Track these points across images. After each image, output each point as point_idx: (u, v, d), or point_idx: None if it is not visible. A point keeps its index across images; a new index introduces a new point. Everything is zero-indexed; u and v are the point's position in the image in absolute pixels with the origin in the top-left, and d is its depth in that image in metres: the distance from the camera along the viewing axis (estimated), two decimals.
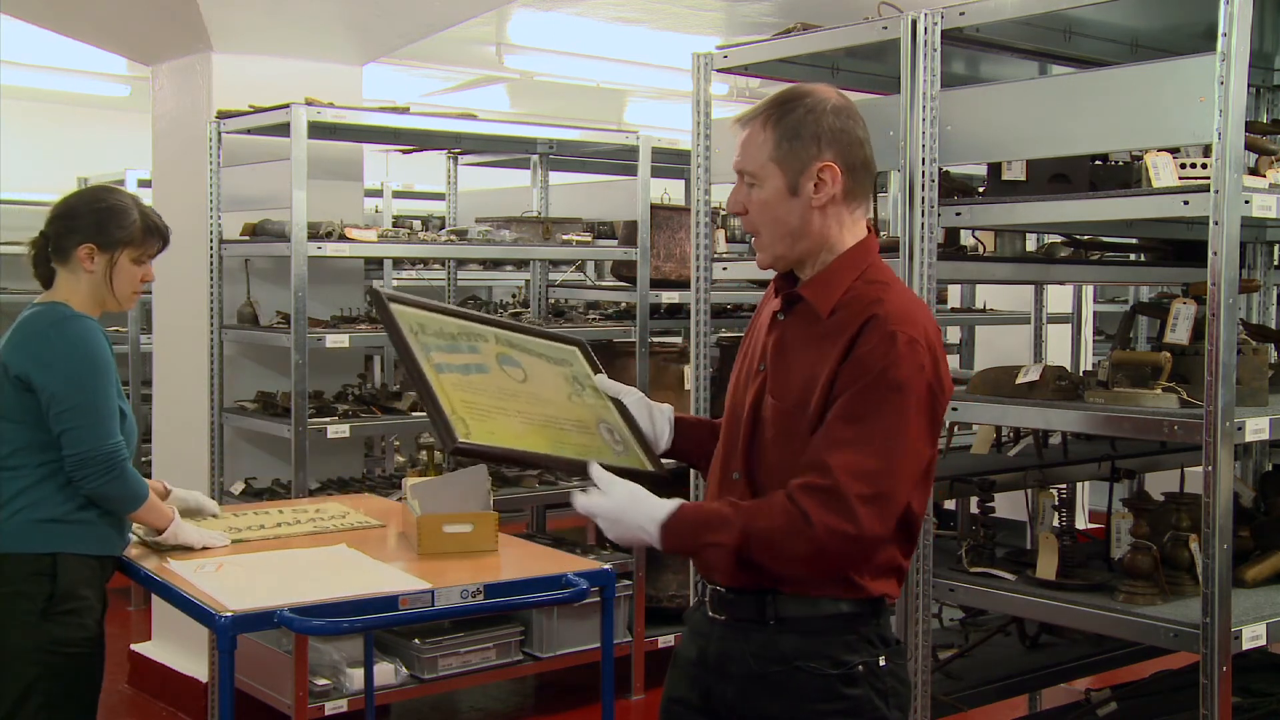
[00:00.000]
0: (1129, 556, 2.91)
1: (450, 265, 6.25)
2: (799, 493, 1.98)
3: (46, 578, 2.78)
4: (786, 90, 2.16)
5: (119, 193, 3.03)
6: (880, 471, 1.98)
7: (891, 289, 2.10)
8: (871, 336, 2.01)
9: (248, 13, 4.81)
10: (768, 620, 2.10)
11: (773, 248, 2.15)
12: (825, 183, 2.09)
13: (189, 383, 5.02)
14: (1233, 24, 2.51)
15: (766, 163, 2.10)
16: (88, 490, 2.81)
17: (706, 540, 2.03)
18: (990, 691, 3.38)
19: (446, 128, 5.37)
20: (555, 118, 8.16)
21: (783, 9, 6.15)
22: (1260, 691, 3.43)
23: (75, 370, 2.80)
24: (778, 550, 2.01)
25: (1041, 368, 3.11)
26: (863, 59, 3.54)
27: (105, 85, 8.33)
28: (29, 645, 2.76)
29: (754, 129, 2.13)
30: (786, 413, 2.09)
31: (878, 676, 2.10)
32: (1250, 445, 3.91)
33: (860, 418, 1.98)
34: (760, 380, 2.16)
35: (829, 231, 2.12)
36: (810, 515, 1.96)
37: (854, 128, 2.12)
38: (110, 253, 2.92)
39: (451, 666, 4.69)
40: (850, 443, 1.98)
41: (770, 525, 1.99)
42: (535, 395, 2.32)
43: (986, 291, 6.78)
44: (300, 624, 2.53)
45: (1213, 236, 2.55)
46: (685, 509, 2.06)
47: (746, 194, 2.15)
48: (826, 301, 2.11)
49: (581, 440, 2.28)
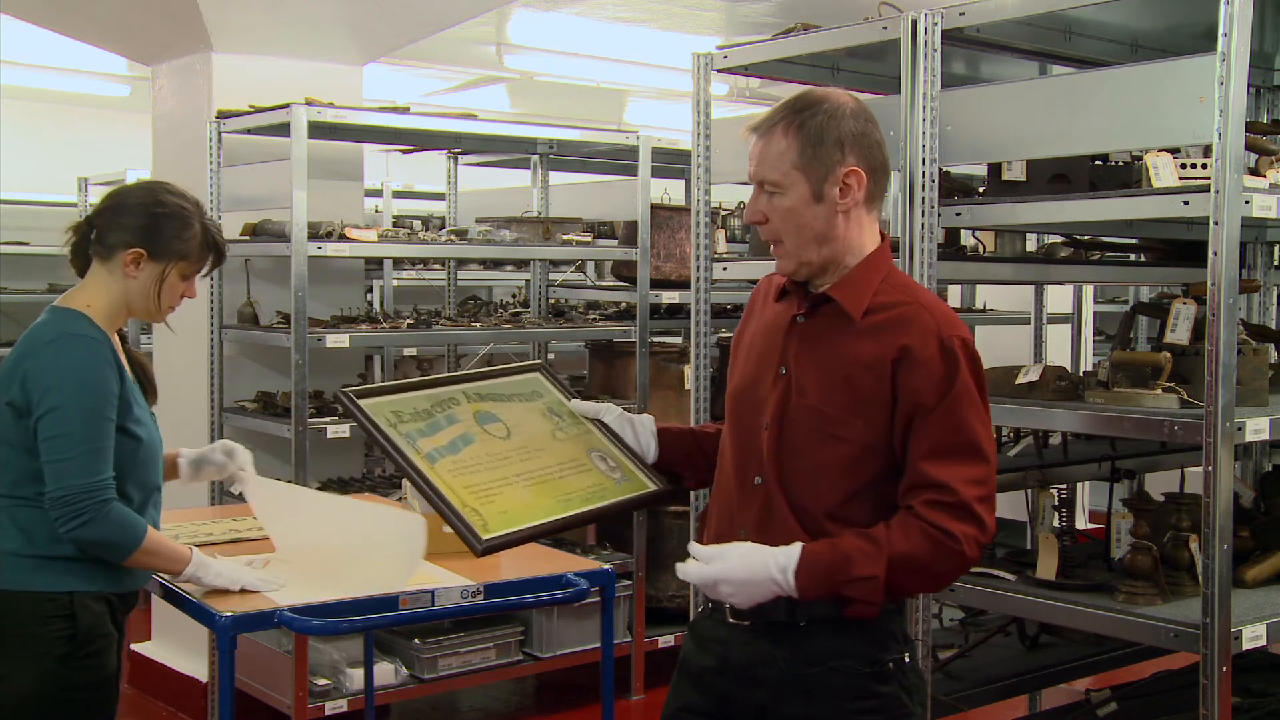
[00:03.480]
0: (1129, 556, 2.91)
1: (450, 265, 6.24)
2: (929, 510, 2.00)
3: (65, 619, 2.51)
4: (802, 95, 2.15)
5: (183, 195, 2.70)
6: (986, 474, 2.05)
7: (920, 293, 2.15)
8: (932, 349, 2.04)
9: (248, 13, 4.81)
10: (798, 622, 2.08)
11: (798, 255, 2.13)
12: (851, 187, 2.10)
13: (189, 383, 5.02)
14: (1233, 24, 2.51)
15: (790, 170, 2.09)
16: (65, 536, 2.48)
17: (854, 575, 2.00)
18: (990, 691, 3.38)
19: (446, 128, 5.38)
20: (555, 118, 8.16)
21: (783, 9, 6.15)
22: (1260, 691, 3.43)
23: (64, 398, 2.49)
24: (927, 571, 2.02)
25: (1041, 368, 3.11)
26: (863, 59, 3.54)
27: (105, 85, 8.32)
28: (46, 692, 2.51)
29: (773, 136, 2.11)
30: (823, 415, 2.09)
31: (904, 673, 2.12)
32: (1250, 445, 3.91)
33: (954, 428, 2.03)
34: (785, 383, 2.14)
35: (852, 235, 2.13)
36: (953, 530, 1.99)
37: (873, 130, 2.13)
38: (162, 264, 2.62)
39: (451, 666, 4.69)
40: (953, 455, 2.02)
41: (913, 548, 2.00)
42: (525, 449, 2.32)
43: (986, 291, 6.78)
44: (300, 624, 2.53)
45: (1213, 237, 2.55)
46: (811, 550, 2.02)
47: (767, 203, 2.13)
48: (858, 304, 2.11)
49: (583, 483, 2.28)
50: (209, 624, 2.56)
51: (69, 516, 2.47)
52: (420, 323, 5.18)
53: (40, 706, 2.52)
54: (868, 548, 2.00)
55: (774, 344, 2.19)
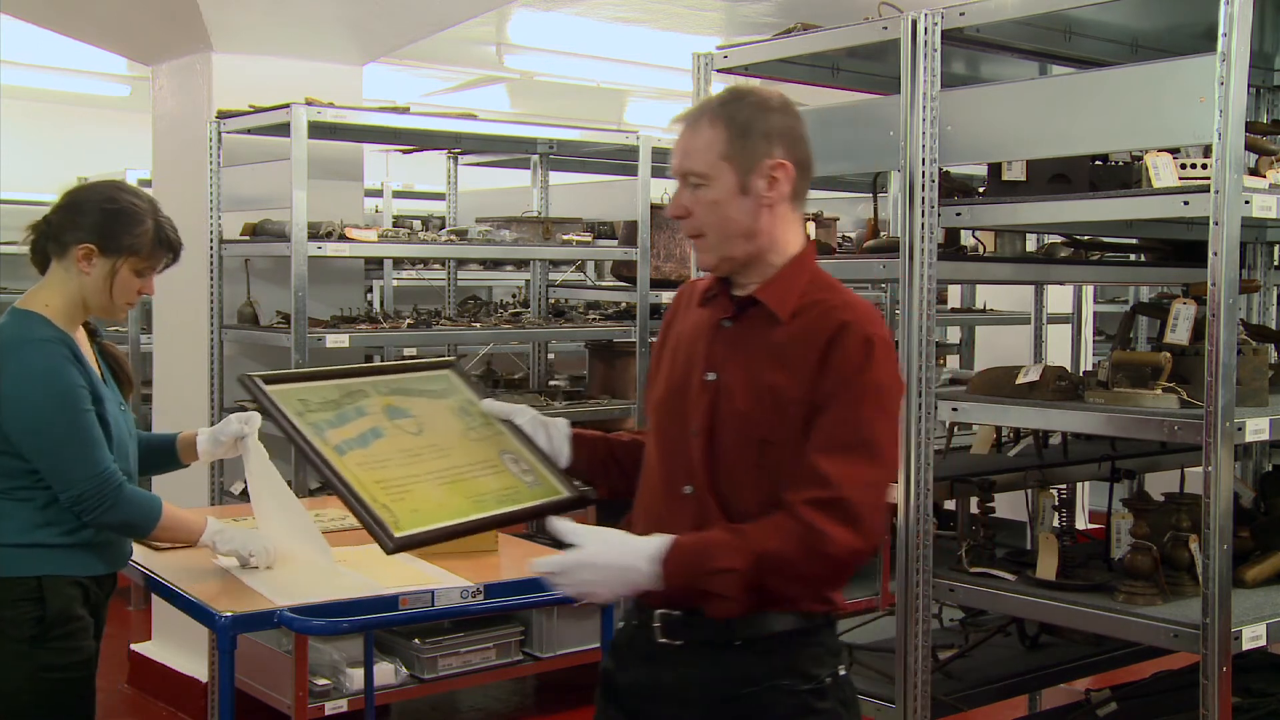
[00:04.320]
0: (1129, 557, 2.91)
1: (450, 265, 6.24)
2: (807, 509, 1.93)
3: (34, 603, 2.59)
4: (729, 89, 2.12)
5: (136, 194, 2.78)
6: (879, 479, 1.99)
7: (845, 293, 2.10)
8: (849, 343, 1.99)
9: (248, 13, 4.81)
10: (733, 642, 2.02)
11: (720, 249, 2.08)
12: (778, 180, 2.05)
13: (189, 383, 5.02)
14: (1233, 24, 2.51)
15: (716, 161, 2.03)
16: (90, 524, 2.62)
17: (715, 567, 1.92)
18: (990, 692, 3.38)
19: (446, 128, 5.38)
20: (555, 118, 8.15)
21: (783, 9, 6.14)
22: (1260, 691, 3.42)
23: (39, 410, 2.57)
24: (794, 571, 1.94)
25: (1041, 368, 3.11)
26: (863, 59, 3.54)
27: (105, 85, 8.33)
28: (20, 673, 2.59)
29: (700, 127, 2.05)
30: (754, 420, 2.02)
31: (841, 687, 2.08)
32: (1250, 445, 3.91)
33: (852, 425, 1.97)
34: (713, 389, 2.08)
35: (777, 232, 2.08)
36: (827, 532, 1.91)
37: (800, 126, 2.09)
38: (112, 259, 2.68)
39: (451, 666, 4.69)
40: (846, 450, 1.96)
41: (783, 546, 1.92)
42: (436, 446, 2.25)
43: (986, 291, 6.78)
44: (300, 624, 2.53)
45: (1213, 237, 2.55)
46: (681, 540, 1.95)
47: (691, 195, 2.07)
48: (785, 305, 2.06)
49: (495, 485, 2.22)
50: (209, 624, 2.57)
51: (90, 509, 2.58)
52: (420, 323, 5.19)
53: (11, 687, 2.59)
54: (733, 541, 1.93)
55: (699, 349, 2.12)
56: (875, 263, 3.25)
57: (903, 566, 3.08)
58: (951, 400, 3.14)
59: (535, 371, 6.21)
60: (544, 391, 5.62)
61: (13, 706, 2.61)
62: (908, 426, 3.04)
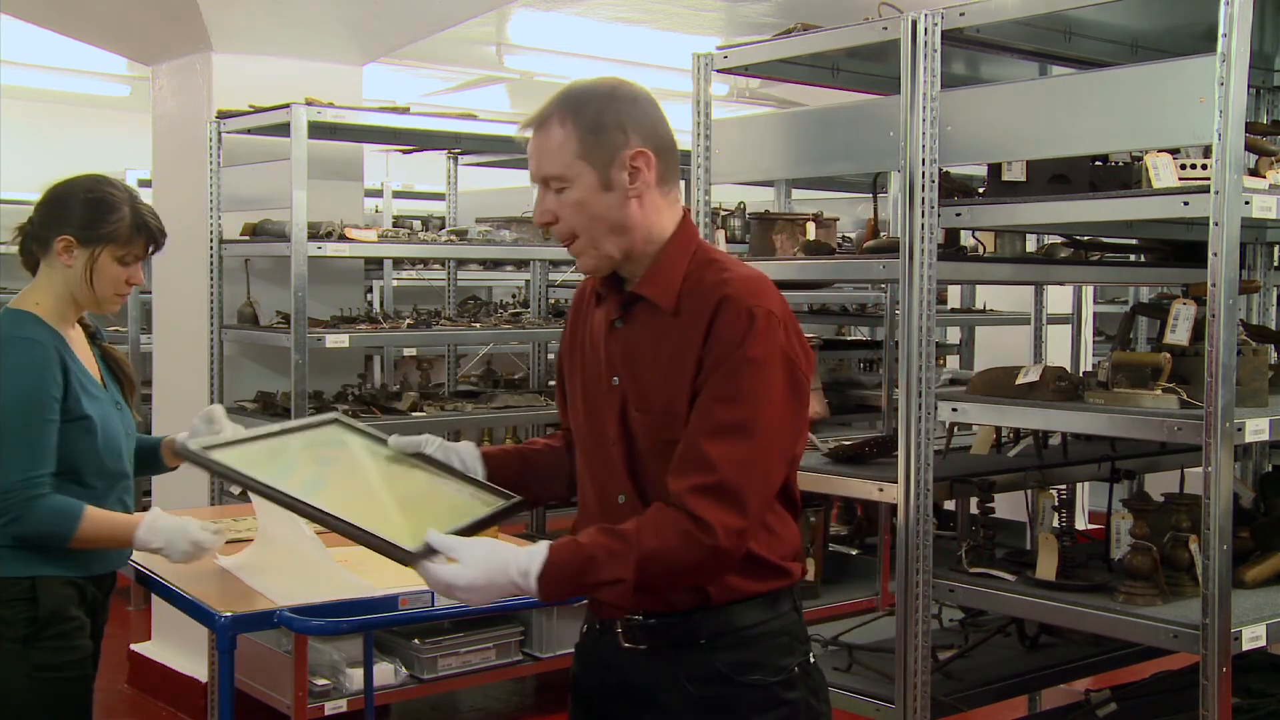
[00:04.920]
0: (1129, 557, 2.91)
1: (450, 265, 6.25)
2: (689, 497, 1.88)
3: (27, 602, 2.60)
4: (571, 86, 2.05)
5: (114, 184, 2.76)
6: (758, 457, 1.91)
7: (730, 266, 2.02)
8: (727, 316, 1.92)
9: (248, 13, 4.81)
10: (698, 640, 2.00)
11: (595, 249, 2.02)
12: (640, 170, 1.99)
13: (189, 383, 5.02)
14: (1233, 25, 2.51)
15: (572, 161, 1.98)
16: (9, 533, 2.57)
17: (599, 579, 1.86)
18: (990, 692, 3.38)
19: (446, 128, 5.37)
20: None
21: (783, 9, 6.15)
22: (1260, 692, 3.42)
23: (1, 401, 2.56)
24: (674, 565, 1.89)
25: (1041, 368, 3.11)
26: (863, 59, 3.54)
27: (105, 85, 8.33)
28: (14, 673, 2.59)
29: (550, 129, 2.00)
30: (659, 423, 1.98)
31: (809, 674, 2.06)
32: (1250, 446, 3.91)
33: (729, 400, 1.91)
34: (619, 394, 2.03)
35: (650, 220, 2.02)
36: (707, 519, 1.86)
37: (652, 110, 2.03)
38: (91, 248, 2.67)
39: (451, 666, 4.69)
40: (725, 430, 1.89)
41: (663, 544, 1.86)
42: (372, 485, 2.15)
43: (986, 292, 6.78)
44: (300, 624, 2.53)
45: (1213, 237, 2.55)
46: (558, 551, 1.87)
47: (555, 200, 2.01)
48: (668, 294, 2.00)
49: (447, 504, 2.13)
50: (209, 624, 2.57)
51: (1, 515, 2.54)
52: (420, 323, 5.19)
53: (6, 688, 2.59)
54: (616, 547, 1.86)
55: (598, 354, 2.08)
56: (875, 263, 3.25)
57: (903, 566, 3.07)
58: (951, 400, 3.14)
59: (535, 371, 6.21)
60: (544, 392, 5.62)
61: (8, 707, 2.61)
62: (908, 426, 3.04)
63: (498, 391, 5.54)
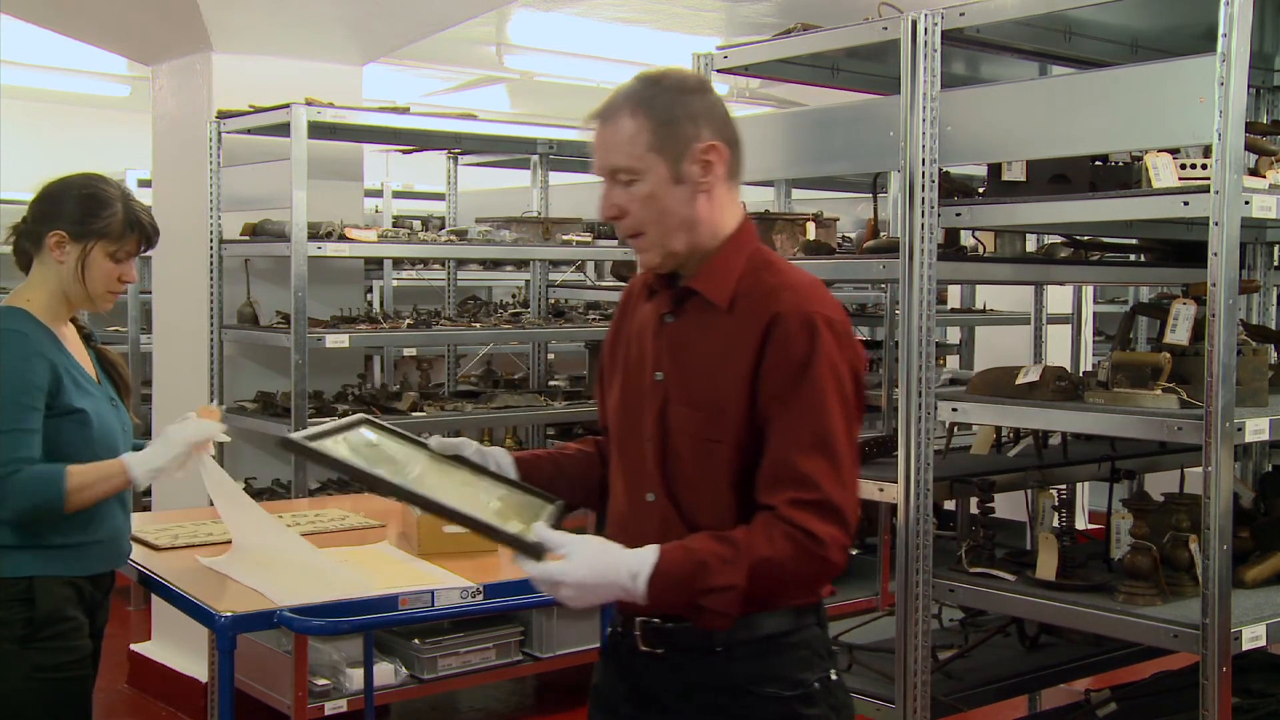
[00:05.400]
0: (1129, 557, 2.91)
1: (450, 265, 6.25)
2: (792, 510, 1.86)
3: (23, 603, 2.59)
4: (641, 75, 2.00)
5: (107, 181, 2.78)
6: (850, 472, 1.92)
7: (785, 272, 2.00)
8: (791, 326, 1.90)
9: (248, 13, 4.81)
10: (715, 648, 1.95)
11: (662, 245, 1.97)
12: (711, 163, 1.95)
13: (189, 383, 5.02)
14: (1233, 24, 2.51)
15: (644, 153, 1.93)
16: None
17: (709, 585, 1.83)
18: (990, 692, 3.38)
19: (446, 128, 5.38)
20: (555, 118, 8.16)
21: (783, 9, 6.15)
22: (1260, 692, 3.42)
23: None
24: (788, 576, 1.87)
25: (1041, 368, 3.11)
26: (863, 59, 3.54)
27: (105, 85, 8.34)
28: (12, 674, 2.59)
29: (619, 121, 1.94)
30: (702, 420, 1.95)
31: (831, 692, 2.00)
32: (1250, 445, 3.91)
33: (817, 418, 1.89)
34: (661, 390, 2.00)
35: (715, 215, 1.99)
36: (816, 532, 1.85)
37: (721, 102, 1.99)
38: (83, 243, 2.68)
39: (451, 666, 4.69)
40: (817, 446, 1.88)
41: (775, 552, 1.85)
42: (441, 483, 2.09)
43: (986, 292, 6.78)
44: (300, 624, 2.53)
45: (1213, 237, 2.55)
46: (669, 555, 1.85)
47: (623, 193, 1.96)
48: (723, 292, 1.97)
49: (518, 500, 2.11)
50: (209, 624, 2.57)
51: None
52: (420, 323, 5.19)
53: (4, 689, 2.59)
54: (726, 553, 1.84)
55: (646, 348, 2.04)
56: (875, 263, 3.25)
57: (903, 566, 3.07)
58: (951, 400, 3.14)
59: (535, 371, 6.21)
60: (544, 391, 5.62)
61: (7, 708, 2.61)
62: (908, 426, 3.04)
63: (498, 391, 5.54)
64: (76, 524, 2.65)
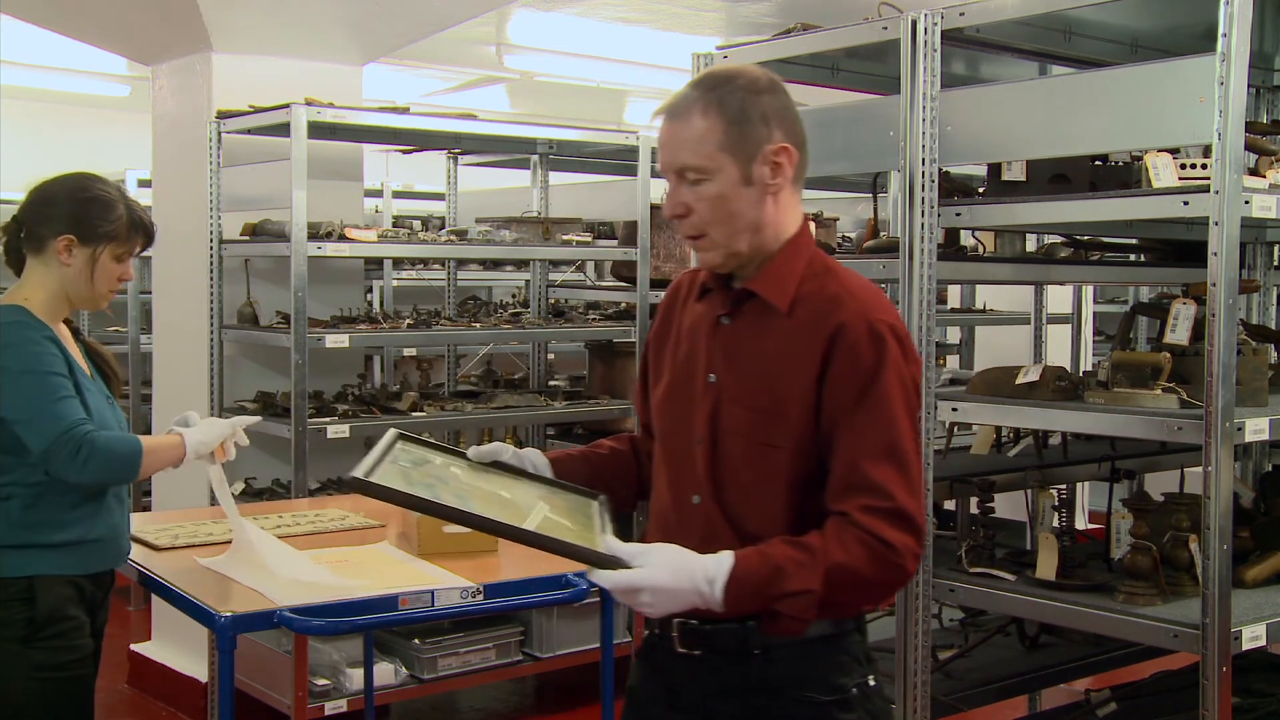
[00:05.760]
0: (1129, 557, 2.91)
1: (450, 265, 6.25)
2: (866, 517, 1.84)
3: (23, 603, 2.61)
4: (712, 72, 1.98)
5: (104, 182, 2.81)
6: (918, 480, 1.91)
7: (845, 278, 1.99)
8: (857, 337, 1.89)
9: (248, 13, 4.81)
10: (752, 650, 1.93)
11: (727, 246, 1.95)
12: (781, 165, 1.93)
13: (189, 383, 5.02)
14: (1233, 24, 2.51)
15: (715, 153, 1.90)
16: (76, 481, 2.60)
17: (785, 590, 1.81)
18: (990, 692, 3.38)
19: (446, 128, 5.38)
20: (555, 118, 8.15)
21: (783, 9, 6.14)
22: (1260, 691, 3.42)
23: (8, 378, 2.59)
24: (865, 584, 1.86)
25: (1041, 368, 3.11)
26: (863, 59, 3.54)
27: (105, 85, 8.33)
28: (13, 674, 2.60)
29: (690, 119, 1.91)
30: (759, 424, 1.93)
31: (869, 698, 1.99)
32: (1250, 445, 3.91)
33: (887, 426, 1.88)
34: (714, 392, 1.98)
35: (781, 218, 1.97)
36: (890, 540, 1.83)
37: (792, 104, 1.97)
38: (92, 247, 2.72)
39: (451, 666, 4.69)
40: (887, 454, 1.87)
41: (850, 559, 1.83)
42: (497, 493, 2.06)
43: (986, 291, 6.78)
44: (300, 624, 2.52)
45: (1213, 237, 2.55)
46: (744, 560, 1.83)
47: (691, 192, 1.93)
48: (784, 295, 1.95)
49: (566, 504, 2.08)
50: (209, 624, 2.56)
51: (67, 461, 2.57)
52: (420, 323, 5.19)
53: (5, 688, 2.61)
54: (802, 558, 1.82)
55: (698, 349, 2.02)
56: (875, 263, 3.25)
57: None
58: (951, 400, 3.14)
59: (535, 371, 6.22)
60: (544, 391, 5.62)
61: (8, 707, 2.62)
62: None
63: (498, 391, 5.54)
64: (77, 521, 2.67)
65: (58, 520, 2.65)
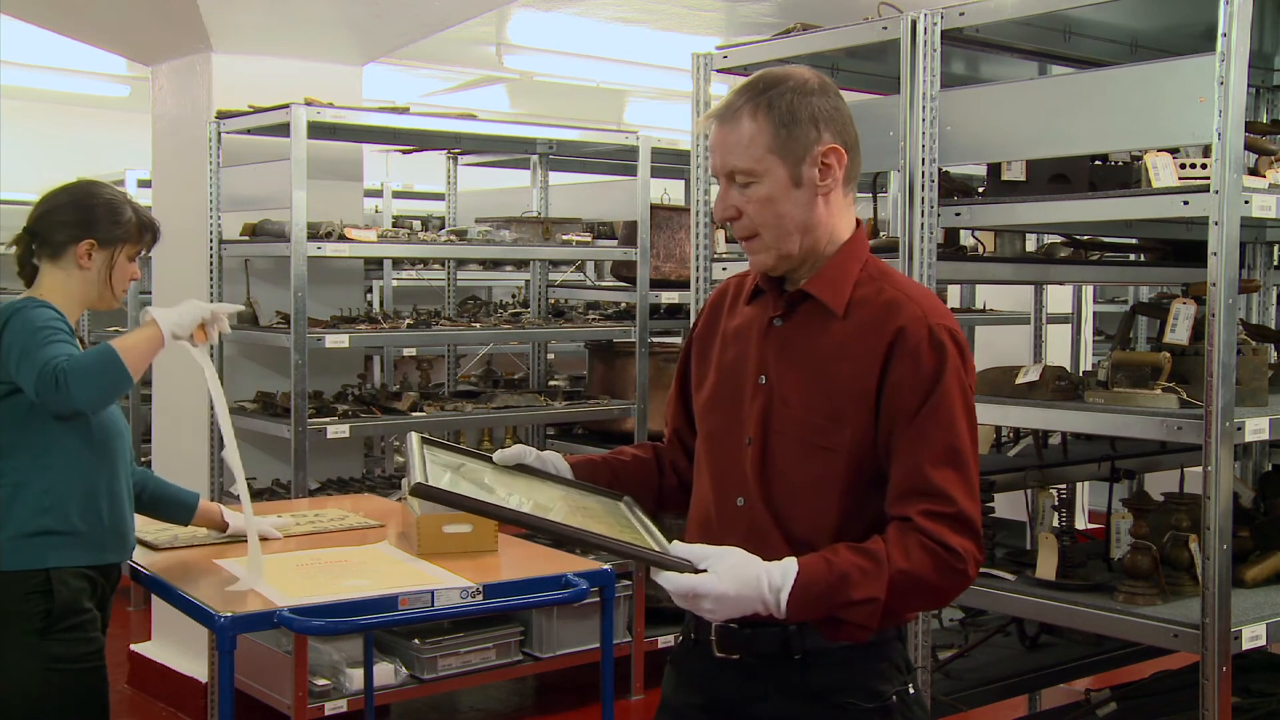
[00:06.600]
0: (1129, 556, 2.91)
1: (450, 265, 6.25)
2: (927, 521, 1.84)
3: (41, 595, 2.66)
4: (762, 75, 1.97)
5: (107, 188, 2.94)
6: (974, 485, 1.90)
7: (901, 282, 1.98)
8: (918, 342, 1.88)
9: (248, 13, 4.81)
10: (793, 655, 1.92)
11: (778, 248, 1.94)
12: (831, 167, 1.93)
13: (189, 383, 5.02)
14: (1232, 24, 2.51)
15: (764, 155, 1.90)
16: (71, 409, 2.63)
17: (851, 598, 1.80)
18: (990, 692, 3.38)
19: (446, 128, 5.37)
20: (555, 118, 8.16)
21: (783, 9, 6.14)
22: (1260, 691, 3.42)
23: (15, 335, 2.66)
24: (928, 590, 1.85)
25: (1041, 368, 3.11)
26: (863, 59, 3.54)
27: (105, 85, 8.33)
28: (31, 666, 2.65)
29: (740, 121, 1.92)
30: (814, 427, 1.92)
31: (908, 705, 1.97)
32: (1250, 445, 3.91)
33: (950, 432, 1.87)
34: (766, 393, 1.97)
35: (833, 220, 1.96)
36: (953, 545, 1.83)
37: (843, 104, 1.96)
38: (110, 249, 2.85)
39: (451, 666, 4.69)
40: (948, 460, 1.86)
41: (914, 565, 1.82)
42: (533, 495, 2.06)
43: (986, 291, 6.78)
44: (300, 624, 2.52)
45: (1212, 237, 2.55)
46: (809, 567, 1.81)
47: (740, 195, 1.94)
48: (839, 298, 1.94)
49: (601, 506, 2.08)
50: (209, 624, 2.56)
51: (51, 394, 2.58)
52: (420, 323, 5.19)
53: (30, 682, 2.66)
54: (867, 565, 1.81)
55: (749, 351, 2.01)
56: None
57: None
58: None
59: (535, 371, 6.22)
60: (544, 391, 5.62)
61: (26, 699, 2.66)
62: None
63: (498, 391, 5.54)
64: (89, 508, 2.74)
65: (70, 507, 2.71)
